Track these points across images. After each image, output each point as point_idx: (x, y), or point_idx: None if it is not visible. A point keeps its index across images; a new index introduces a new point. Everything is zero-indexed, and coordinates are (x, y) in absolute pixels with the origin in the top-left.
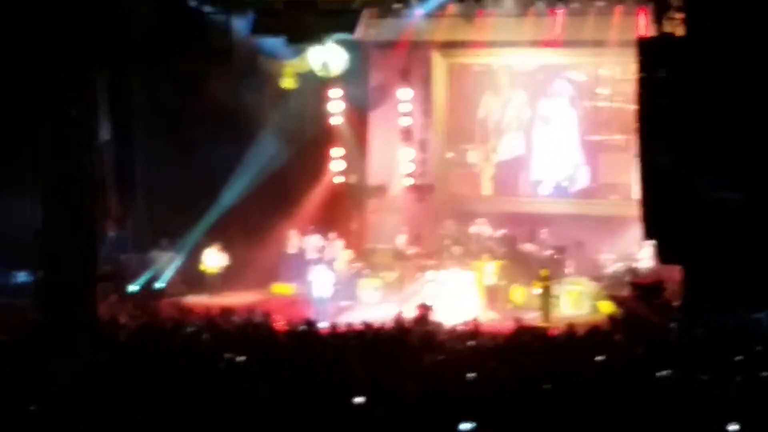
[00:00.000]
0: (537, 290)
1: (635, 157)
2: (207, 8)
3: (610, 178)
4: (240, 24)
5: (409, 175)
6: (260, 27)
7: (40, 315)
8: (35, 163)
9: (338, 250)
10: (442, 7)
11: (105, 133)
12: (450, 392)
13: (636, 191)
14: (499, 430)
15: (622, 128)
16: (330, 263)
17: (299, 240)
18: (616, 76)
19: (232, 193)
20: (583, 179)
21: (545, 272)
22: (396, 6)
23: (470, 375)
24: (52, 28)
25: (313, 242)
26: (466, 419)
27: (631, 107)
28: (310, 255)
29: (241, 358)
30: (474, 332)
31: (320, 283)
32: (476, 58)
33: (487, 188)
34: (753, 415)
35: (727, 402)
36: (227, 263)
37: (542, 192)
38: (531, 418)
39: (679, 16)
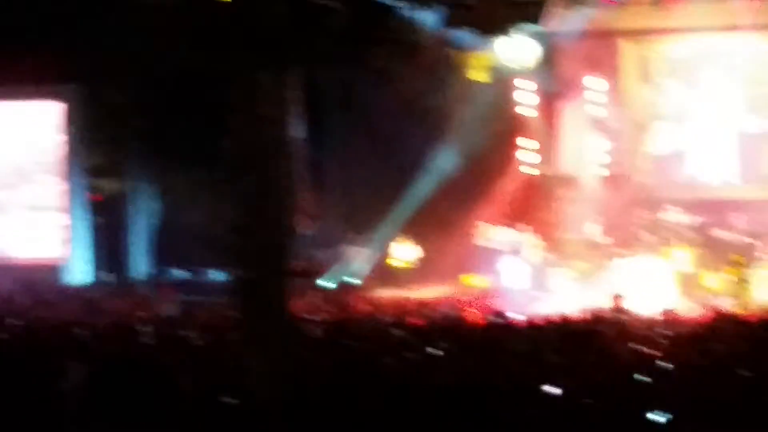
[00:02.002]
0: (732, 277)
1: None
2: (397, 3)
3: None
4: (430, 18)
5: (600, 164)
6: (453, 20)
7: (237, 313)
8: (230, 162)
9: (530, 240)
10: None
11: (299, 131)
12: (647, 383)
13: None
14: (698, 423)
15: None
16: (522, 254)
17: (490, 232)
18: None
19: (422, 187)
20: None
21: (740, 258)
22: None
23: (668, 365)
24: (246, 26)
25: (504, 234)
26: (663, 411)
27: None
28: (502, 246)
29: (437, 352)
30: (671, 321)
31: (512, 274)
32: (666, 46)
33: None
34: None
35: None
36: (419, 257)
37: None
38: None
39: None
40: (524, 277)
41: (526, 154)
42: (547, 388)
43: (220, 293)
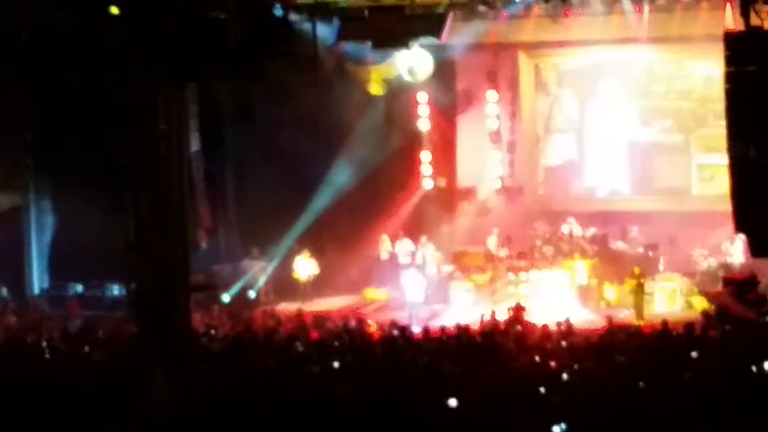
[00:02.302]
0: (630, 288)
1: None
2: (293, 16)
3: (667, 183)
4: (326, 31)
5: (498, 177)
6: (346, 33)
7: (134, 327)
8: (126, 176)
9: (429, 253)
10: (527, 8)
11: (195, 144)
12: (544, 393)
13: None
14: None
15: (680, 128)
16: (421, 267)
17: (390, 245)
18: (671, 72)
19: (322, 200)
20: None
21: (638, 270)
22: (481, 9)
23: (565, 375)
24: (142, 41)
25: (404, 247)
26: (561, 420)
27: (688, 104)
28: (402, 259)
29: (336, 365)
30: (567, 332)
31: (412, 287)
32: (562, 58)
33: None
34: None
35: None
36: (318, 270)
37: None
38: (627, 417)
39: (766, 9)
40: (424, 290)
41: (425, 167)
42: (446, 400)
43: (119, 308)
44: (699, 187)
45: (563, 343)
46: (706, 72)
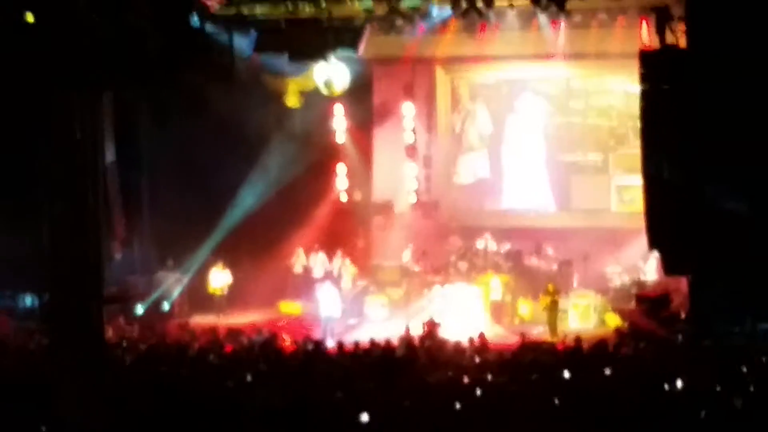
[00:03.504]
0: (544, 304)
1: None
2: (210, 27)
3: (585, 203)
4: (243, 43)
5: (414, 191)
6: (263, 44)
7: (47, 338)
8: (40, 186)
9: (344, 267)
10: (444, 23)
11: (110, 155)
12: (457, 408)
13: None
14: None
15: (598, 146)
16: (336, 281)
17: (306, 258)
18: (589, 88)
19: (237, 212)
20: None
21: (552, 286)
22: (399, 23)
23: (478, 390)
24: (57, 49)
25: (319, 260)
26: None
27: (607, 123)
28: (317, 273)
29: (249, 379)
30: (481, 348)
31: (327, 301)
32: (478, 73)
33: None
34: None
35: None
36: (233, 283)
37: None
38: None
39: (681, 27)
40: (339, 304)
41: (341, 180)
42: (359, 414)
43: (32, 318)
44: (617, 207)
45: (477, 359)
46: (626, 89)
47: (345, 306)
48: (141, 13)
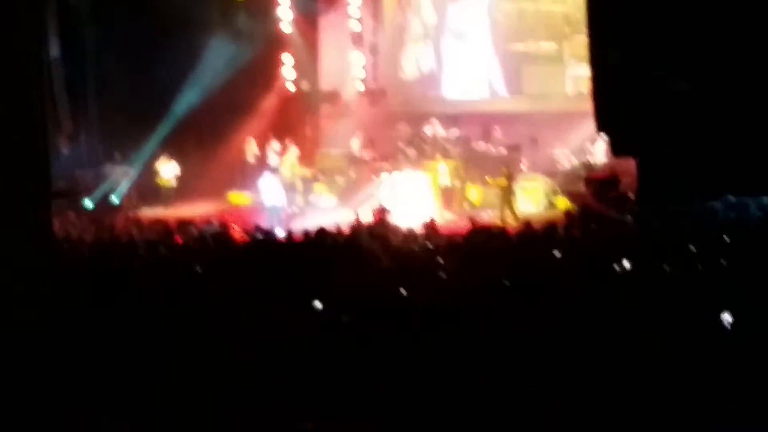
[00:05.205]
0: (495, 189)
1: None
2: None
3: (539, 92)
4: None
5: (361, 79)
6: None
7: None
8: None
9: (292, 156)
10: None
11: (54, 50)
12: (407, 295)
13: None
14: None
15: (552, 34)
16: (283, 170)
17: (253, 148)
18: None
19: (184, 104)
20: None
21: (507, 170)
22: None
23: (427, 276)
24: None
25: (266, 150)
26: (426, 321)
27: (561, 8)
28: (264, 163)
29: (199, 270)
30: (430, 234)
31: (272, 190)
32: None
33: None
34: (715, 304)
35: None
36: (181, 175)
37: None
38: (490, 318)
39: None
40: (282, 193)
41: (288, 70)
42: (313, 303)
43: None
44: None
45: (428, 245)
46: None
47: (292, 195)
48: None
